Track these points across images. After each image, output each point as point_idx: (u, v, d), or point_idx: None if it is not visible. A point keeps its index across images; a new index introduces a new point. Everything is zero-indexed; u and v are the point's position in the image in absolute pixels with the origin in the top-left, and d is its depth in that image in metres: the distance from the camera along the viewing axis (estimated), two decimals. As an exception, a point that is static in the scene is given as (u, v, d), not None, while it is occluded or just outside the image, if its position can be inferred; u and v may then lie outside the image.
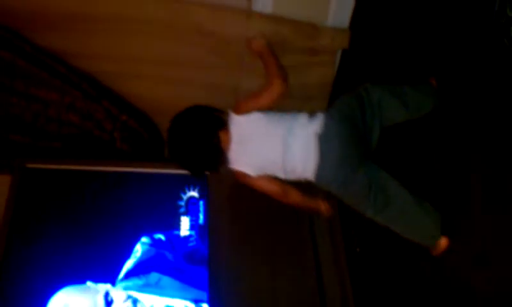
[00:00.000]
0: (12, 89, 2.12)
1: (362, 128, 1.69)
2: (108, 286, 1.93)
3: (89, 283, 1.92)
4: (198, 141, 1.67)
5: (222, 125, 1.69)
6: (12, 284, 1.90)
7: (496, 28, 1.65)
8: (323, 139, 1.63)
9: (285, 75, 1.71)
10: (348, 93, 1.77)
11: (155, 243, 2.04)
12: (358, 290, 2.12)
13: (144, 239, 2.03)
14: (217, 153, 1.69)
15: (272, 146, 1.66)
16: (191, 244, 2.07)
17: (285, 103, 2.31)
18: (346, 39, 2.20)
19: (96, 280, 1.93)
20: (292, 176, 1.72)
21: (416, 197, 1.71)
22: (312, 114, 1.71)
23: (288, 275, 2.04)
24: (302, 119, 1.69)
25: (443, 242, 1.74)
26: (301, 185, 1.75)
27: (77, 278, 1.92)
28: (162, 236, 2.06)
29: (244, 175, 1.70)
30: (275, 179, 1.73)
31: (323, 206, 1.84)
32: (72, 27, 2.14)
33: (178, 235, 2.08)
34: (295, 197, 1.76)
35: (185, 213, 2.12)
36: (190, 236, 2.08)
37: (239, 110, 1.70)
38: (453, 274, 1.77)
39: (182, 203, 2.13)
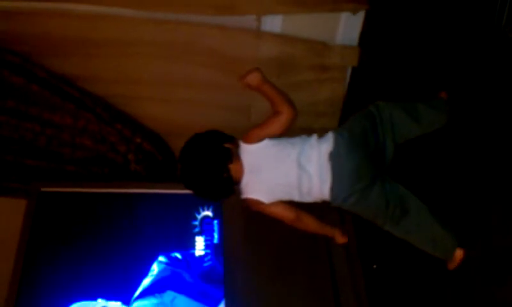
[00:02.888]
0: (26, 115, 2.14)
1: (374, 145, 1.70)
2: (118, 304, 1.94)
3: (100, 300, 1.93)
4: (209, 177, 1.65)
5: (231, 157, 1.67)
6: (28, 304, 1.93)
7: (504, 42, 1.66)
8: (335, 158, 1.64)
9: (291, 101, 1.67)
10: (359, 111, 1.77)
11: (171, 262, 2.04)
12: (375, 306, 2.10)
13: (161, 258, 2.04)
14: (229, 185, 1.69)
15: (287, 170, 1.65)
16: (206, 263, 2.07)
17: (296, 121, 2.34)
18: (355, 57, 2.22)
19: (109, 298, 1.94)
20: (308, 198, 1.71)
21: (431, 210, 1.71)
22: (321, 135, 1.71)
23: (304, 293, 2.03)
24: (312, 140, 1.69)
25: (459, 253, 1.73)
26: (314, 211, 1.74)
27: (90, 296, 1.94)
28: (178, 255, 2.06)
29: (258, 202, 1.69)
30: (289, 205, 1.71)
31: (338, 234, 1.82)
32: (83, 52, 2.18)
33: (194, 254, 2.08)
34: (310, 224, 1.74)
35: (200, 233, 2.12)
36: (206, 254, 2.08)
37: (249, 140, 1.68)
38: (472, 290, 1.75)
39: (197, 223, 2.14)
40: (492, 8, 1.69)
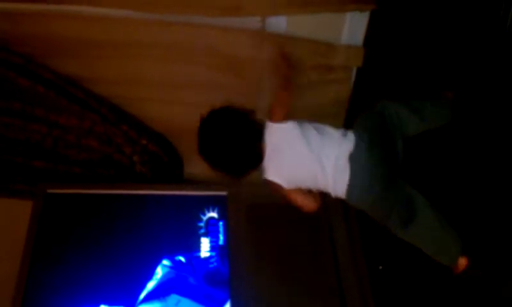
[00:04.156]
0: (32, 116, 2.15)
1: (390, 145, 1.71)
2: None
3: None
4: (241, 153, 1.68)
5: (260, 136, 1.70)
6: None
7: (509, 42, 1.65)
8: (354, 159, 1.65)
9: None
10: (368, 110, 1.77)
11: (175, 265, 2.04)
12: (380, 307, 2.10)
13: (165, 261, 2.04)
14: (256, 161, 1.72)
15: (306, 161, 1.67)
16: (211, 265, 2.07)
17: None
18: (360, 57, 2.21)
19: (113, 303, 1.95)
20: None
21: (439, 214, 1.71)
22: (344, 132, 1.72)
23: (310, 295, 2.03)
24: (335, 137, 1.70)
25: (463, 260, 1.73)
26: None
27: (93, 302, 1.95)
28: (182, 259, 2.06)
29: (278, 187, 1.71)
30: (308, 193, 1.73)
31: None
32: (87, 53, 2.18)
33: (199, 257, 2.08)
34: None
35: (205, 235, 2.12)
36: (211, 257, 2.09)
37: (276, 118, 1.73)
38: (477, 292, 1.75)
39: (202, 224, 2.14)
40: (497, 8, 1.68)
